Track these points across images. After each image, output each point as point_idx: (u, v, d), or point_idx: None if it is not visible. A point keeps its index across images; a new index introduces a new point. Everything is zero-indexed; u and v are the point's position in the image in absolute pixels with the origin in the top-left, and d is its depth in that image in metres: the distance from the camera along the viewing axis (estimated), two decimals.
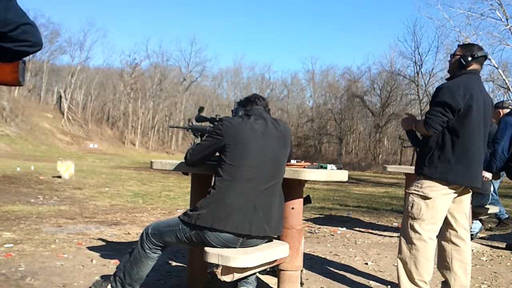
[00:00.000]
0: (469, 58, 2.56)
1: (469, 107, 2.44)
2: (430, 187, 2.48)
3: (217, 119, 2.57)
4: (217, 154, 2.26)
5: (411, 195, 2.54)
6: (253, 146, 2.16)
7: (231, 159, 2.15)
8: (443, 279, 2.70)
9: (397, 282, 2.58)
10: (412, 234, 2.50)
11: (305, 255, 3.13)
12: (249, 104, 2.38)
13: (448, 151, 2.46)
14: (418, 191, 2.51)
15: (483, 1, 15.85)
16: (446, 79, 2.69)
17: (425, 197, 2.48)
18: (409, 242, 2.51)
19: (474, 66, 2.59)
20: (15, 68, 1.37)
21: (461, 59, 2.58)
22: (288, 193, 2.37)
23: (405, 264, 2.52)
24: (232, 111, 2.53)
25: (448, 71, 2.71)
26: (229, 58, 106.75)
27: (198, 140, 2.70)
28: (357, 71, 47.78)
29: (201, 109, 2.78)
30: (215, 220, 2.08)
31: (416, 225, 2.49)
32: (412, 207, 2.51)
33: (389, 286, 3.04)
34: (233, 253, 2.05)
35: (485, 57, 2.62)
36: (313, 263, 3.61)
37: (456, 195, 2.55)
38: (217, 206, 2.10)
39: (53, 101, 44.73)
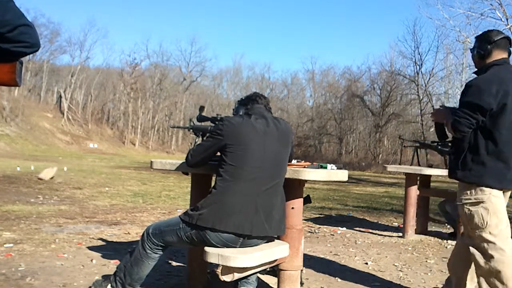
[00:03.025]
0: (488, 46, 2.36)
1: (503, 106, 2.23)
2: (480, 190, 2.29)
3: (218, 118, 2.56)
4: (218, 153, 2.26)
5: (464, 206, 2.32)
6: (254, 146, 2.15)
7: (232, 159, 2.14)
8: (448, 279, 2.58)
9: (397, 282, 2.55)
10: (485, 246, 2.26)
11: (305, 255, 3.13)
12: (250, 103, 2.37)
13: (482, 152, 2.28)
14: (470, 198, 2.30)
15: (483, 1, 15.83)
16: (474, 73, 2.47)
17: (479, 202, 2.28)
18: (485, 256, 2.26)
19: (499, 54, 2.37)
20: (12, 68, 1.37)
21: (479, 50, 2.39)
22: (288, 193, 2.37)
23: (488, 281, 2.28)
24: (233, 110, 2.53)
25: (476, 67, 2.49)
26: (229, 57, 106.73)
27: (199, 140, 2.70)
28: (357, 71, 47.82)
29: (202, 109, 2.77)
30: (216, 221, 2.08)
31: (485, 235, 2.26)
32: (472, 218, 2.28)
33: (389, 286, 3.04)
34: (233, 253, 2.05)
35: (507, 39, 2.39)
36: (313, 263, 3.61)
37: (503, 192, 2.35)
38: (218, 206, 2.10)
39: (53, 101, 44.68)
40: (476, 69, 2.48)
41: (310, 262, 3.60)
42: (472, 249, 2.32)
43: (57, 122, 40.81)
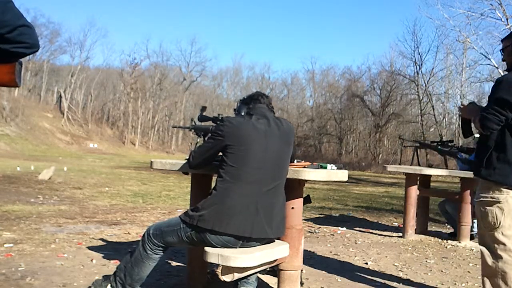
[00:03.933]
0: None
1: None
2: (497, 190, 2.24)
3: (220, 118, 2.56)
4: (220, 154, 2.25)
5: (480, 204, 2.29)
6: (255, 146, 2.14)
7: (233, 160, 2.13)
8: None
9: (397, 282, 2.55)
10: (495, 246, 2.23)
11: (305, 255, 3.13)
12: (252, 102, 2.35)
13: (508, 151, 2.22)
14: (486, 197, 2.27)
15: (483, 1, 15.86)
16: (505, 70, 2.44)
17: (495, 202, 2.24)
18: (494, 255, 2.24)
19: None
20: (11, 69, 1.37)
21: None
22: (288, 193, 2.36)
23: (493, 281, 2.24)
24: (234, 109, 2.52)
25: (507, 65, 2.42)
26: (229, 57, 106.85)
27: (200, 140, 2.70)
28: (357, 71, 47.85)
29: (203, 109, 2.77)
30: (216, 223, 2.07)
31: (497, 235, 2.23)
32: (486, 217, 2.25)
33: (389, 286, 3.04)
34: (233, 253, 2.05)
35: None
36: (313, 263, 3.61)
37: None
38: (219, 208, 2.09)
39: (53, 101, 44.69)
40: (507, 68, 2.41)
41: (310, 262, 3.60)
42: (481, 248, 2.31)
43: (57, 122, 40.80)
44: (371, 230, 5.36)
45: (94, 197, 7.48)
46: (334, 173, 2.52)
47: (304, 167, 2.48)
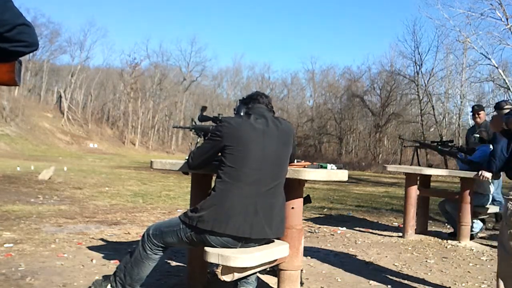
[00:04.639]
0: None
1: None
2: None
3: (220, 118, 2.56)
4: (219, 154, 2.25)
5: (509, 201, 2.28)
6: (253, 146, 2.13)
7: (232, 161, 2.13)
8: None
9: (397, 282, 2.54)
10: None
11: (305, 255, 3.13)
12: (251, 102, 2.34)
13: None
14: None
15: (483, 1, 15.84)
16: None
17: None
18: (509, 255, 2.22)
19: None
20: (11, 68, 1.37)
21: None
22: (288, 193, 2.36)
23: (506, 282, 2.24)
24: (234, 109, 2.52)
25: None
26: (229, 57, 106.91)
27: (201, 140, 2.70)
28: (357, 70, 47.74)
29: (203, 109, 2.77)
30: (215, 224, 2.07)
31: None
32: (511, 214, 2.24)
33: (389, 286, 3.04)
34: (233, 253, 2.05)
35: None
36: (313, 263, 3.60)
37: None
38: (218, 209, 2.08)
39: (53, 101, 44.70)
40: None
41: (310, 262, 3.60)
42: (499, 246, 2.30)
43: (57, 122, 40.80)
44: (371, 230, 5.36)
45: (94, 197, 7.48)
46: (334, 173, 2.52)
47: (304, 167, 2.48)
